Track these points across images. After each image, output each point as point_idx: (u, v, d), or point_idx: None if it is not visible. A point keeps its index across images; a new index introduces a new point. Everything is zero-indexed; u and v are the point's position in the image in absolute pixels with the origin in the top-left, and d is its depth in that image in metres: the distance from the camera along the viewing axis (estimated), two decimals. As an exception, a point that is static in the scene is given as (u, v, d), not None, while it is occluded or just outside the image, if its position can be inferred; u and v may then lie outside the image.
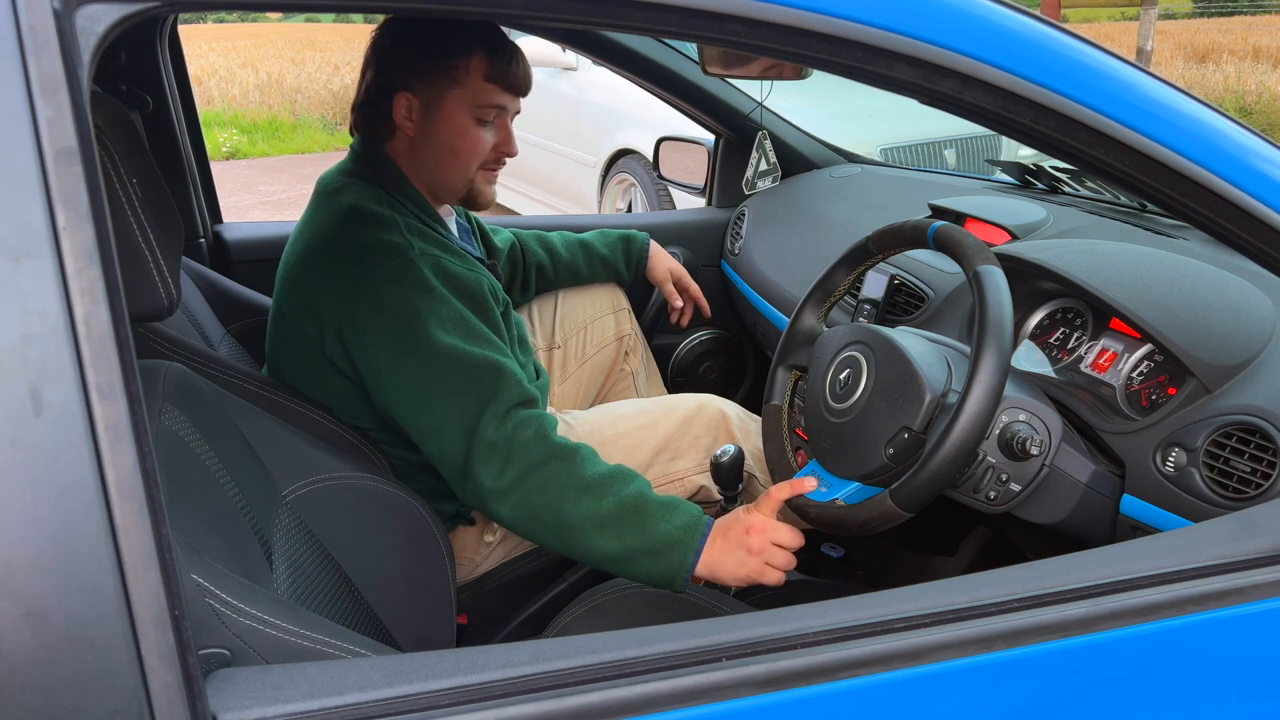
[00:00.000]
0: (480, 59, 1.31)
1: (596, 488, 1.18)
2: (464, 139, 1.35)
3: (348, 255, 1.28)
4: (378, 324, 1.24)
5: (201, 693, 0.57)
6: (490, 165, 1.40)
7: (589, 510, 1.17)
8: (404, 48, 1.34)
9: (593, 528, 1.16)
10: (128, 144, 0.85)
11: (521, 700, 0.61)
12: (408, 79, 1.33)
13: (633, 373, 1.94)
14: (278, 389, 1.29)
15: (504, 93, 1.35)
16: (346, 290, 1.26)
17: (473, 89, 1.32)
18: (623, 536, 1.16)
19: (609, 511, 1.16)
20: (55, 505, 0.52)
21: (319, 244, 1.31)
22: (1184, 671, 0.77)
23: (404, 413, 1.26)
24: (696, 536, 1.16)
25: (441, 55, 1.32)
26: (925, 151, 3.92)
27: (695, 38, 0.69)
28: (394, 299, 1.24)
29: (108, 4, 0.53)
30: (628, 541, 1.15)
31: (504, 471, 1.19)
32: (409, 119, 1.34)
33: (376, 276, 1.25)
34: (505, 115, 1.38)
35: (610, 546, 1.16)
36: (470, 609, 1.50)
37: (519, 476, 1.18)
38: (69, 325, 0.51)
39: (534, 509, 1.18)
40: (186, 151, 1.86)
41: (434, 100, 1.33)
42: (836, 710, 0.68)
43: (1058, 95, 0.75)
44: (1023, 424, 1.08)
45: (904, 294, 1.58)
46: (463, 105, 1.33)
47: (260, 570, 0.91)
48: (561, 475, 1.18)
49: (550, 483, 1.18)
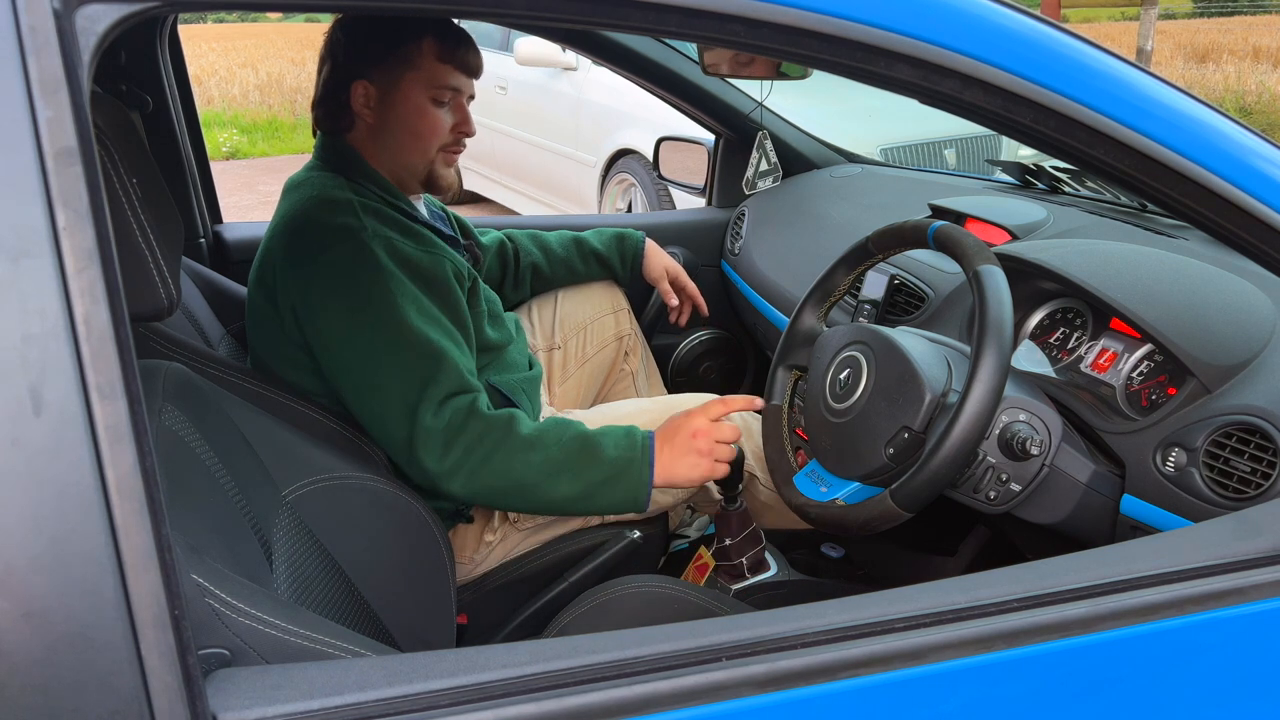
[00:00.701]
0: (431, 42, 1.34)
1: (538, 442, 1.23)
2: (423, 119, 1.37)
3: (305, 239, 1.29)
4: (327, 304, 1.26)
5: (201, 693, 0.57)
6: (450, 147, 1.41)
7: (539, 462, 1.22)
8: (357, 38, 1.36)
9: (548, 477, 1.22)
10: (128, 144, 0.85)
11: (521, 700, 0.61)
12: (363, 68, 1.35)
13: (633, 373, 1.94)
14: (277, 388, 1.29)
15: (457, 73, 1.37)
16: (301, 271, 1.28)
17: (427, 71, 1.34)
18: (579, 474, 1.22)
19: (557, 457, 1.22)
20: (55, 505, 0.52)
21: (281, 234, 1.33)
22: (1184, 671, 0.77)
23: (351, 393, 1.28)
24: (645, 451, 1.24)
25: (394, 41, 1.34)
26: (925, 151, 3.92)
27: (695, 38, 0.69)
28: (345, 279, 1.26)
29: (108, 4, 0.53)
30: (585, 477, 1.22)
31: (446, 455, 1.23)
32: (367, 106, 1.36)
33: (329, 257, 1.27)
34: (460, 97, 1.40)
35: (570, 489, 1.22)
36: (470, 609, 1.50)
37: (461, 456, 1.23)
38: (69, 325, 0.51)
39: (484, 480, 1.23)
40: (186, 151, 1.86)
41: (390, 85, 1.35)
42: (836, 710, 0.68)
43: (1058, 95, 0.75)
44: (1023, 424, 1.08)
45: (904, 294, 1.58)
46: (418, 87, 1.35)
47: (260, 570, 0.91)
48: (502, 442, 1.23)
49: (494, 453, 1.23)
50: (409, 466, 1.26)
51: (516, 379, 1.49)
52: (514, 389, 1.46)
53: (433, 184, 1.43)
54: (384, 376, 1.25)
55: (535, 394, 1.55)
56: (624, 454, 1.23)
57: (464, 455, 1.22)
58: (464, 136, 1.42)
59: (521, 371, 1.53)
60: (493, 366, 1.47)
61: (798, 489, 1.24)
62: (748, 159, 2.14)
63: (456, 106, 1.40)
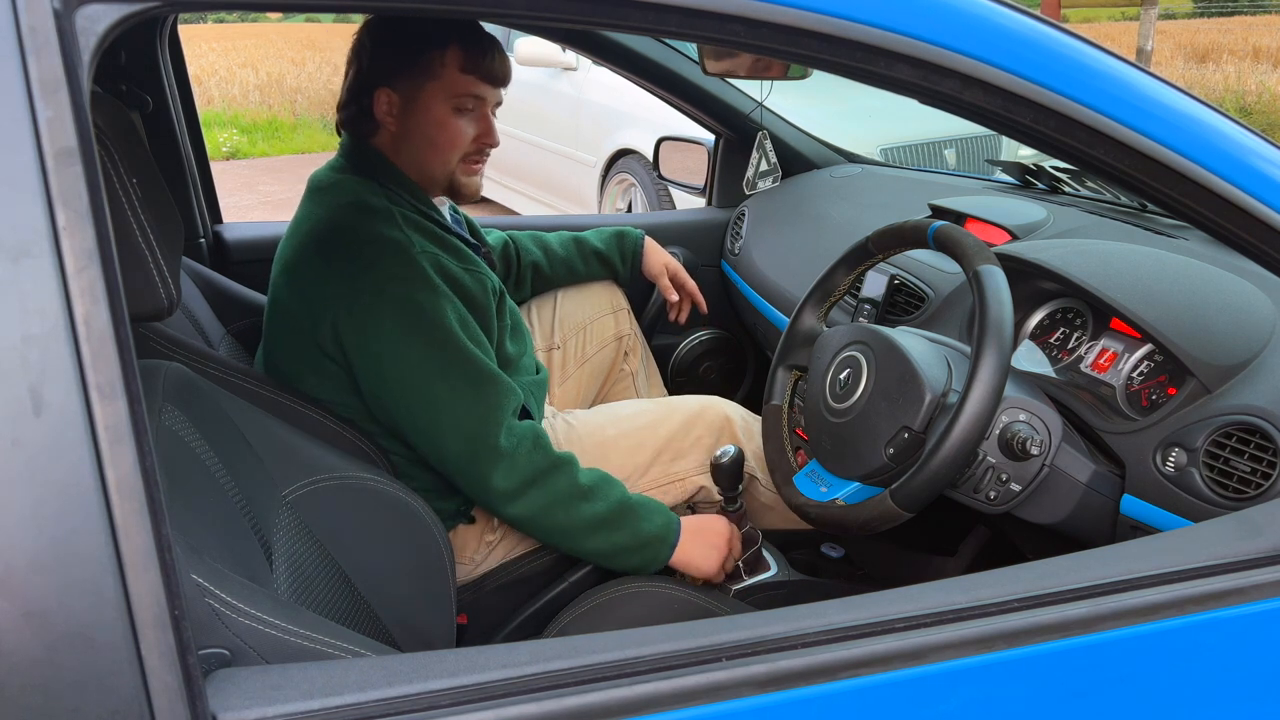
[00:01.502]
0: (455, 51, 1.33)
1: (590, 494, 1.31)
2: (442, 130, 1.37)
3: (347, 248, 1.30)
4: (378, 316, 1.26)
5: (201, 693, 0.57)
6: (472, 157, 1.41)
7: (586, 514, 1.31)
8: (382, 45, 1.36)
9: (587, 530, 1.31)
10: (128, 144, 0.85)
11: (522, 700, 0.61)
12: (387, 75, 1.35)
13: (632, 373, 1.94)
14: (278, 389, 1.29)
15: (480, 83, 1.36)
16: (346, 282, 1.28)
17: (449, 81, 1.34)
18: (611, 536, 1.31)
19: (601, 514, 1.31)
20: (55, 505, 0.52)
21: (317, 238, 1.33)
22: (1185, 672, 0.77)
23: (400, 407, 1.29)
24: (672, 534, 1.34)
25: (418, 50, 1.34)
26: (925, 151, 3.92)
27: (695, 38, 0.69)
28: (396, 292, 1.27)
29: (108, 4, 0.53)
30: (615, 540, 1.31)
31: (511, 477, 1.29)
32: (390, 114, 1.37)
33: (378, 271, 1.27)
34: (484, 106, 1.39)
35: (600, 545, 1.32)
36: (470, 609, 1.50)
37: (526, 483, 1.29)
38: (69, 325, 0.51)
39: (537, 512, 1.31)
40: (186, 151, 1.86)
41: (412, 94, 1.35)
42: (836, 710, 0.68)
43: (1058, 95, 0.75)
44: (1023, 424, 1.08)
45: (904, 294, 1.58)
46: (440, 97, 1.35)
47: (260, 570, 0.91)
48: (562, 484, 1.31)
49: (552, 489, 1.30)
50: (470, 483, 1.31)
51: (524, 382, 1.49)
52: (524, 394, 1.46)
53: (455, 192, 1.44)
54: (442, 393, 1.27)
55: (542, 398, 1.56)
56: (658, 532, 1.33)
57: (527, 483, 1.29)
58: (486, 146, 1.42)
59: (529, 375, 1.54)
60: (506, 370, 1.47)
61: (798, 489, 1.24)
62: (748, 159, 2.14)
63: (480, 116, 1.40)
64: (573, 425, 1.58)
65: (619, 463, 1.53)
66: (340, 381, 1.34)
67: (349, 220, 1.31)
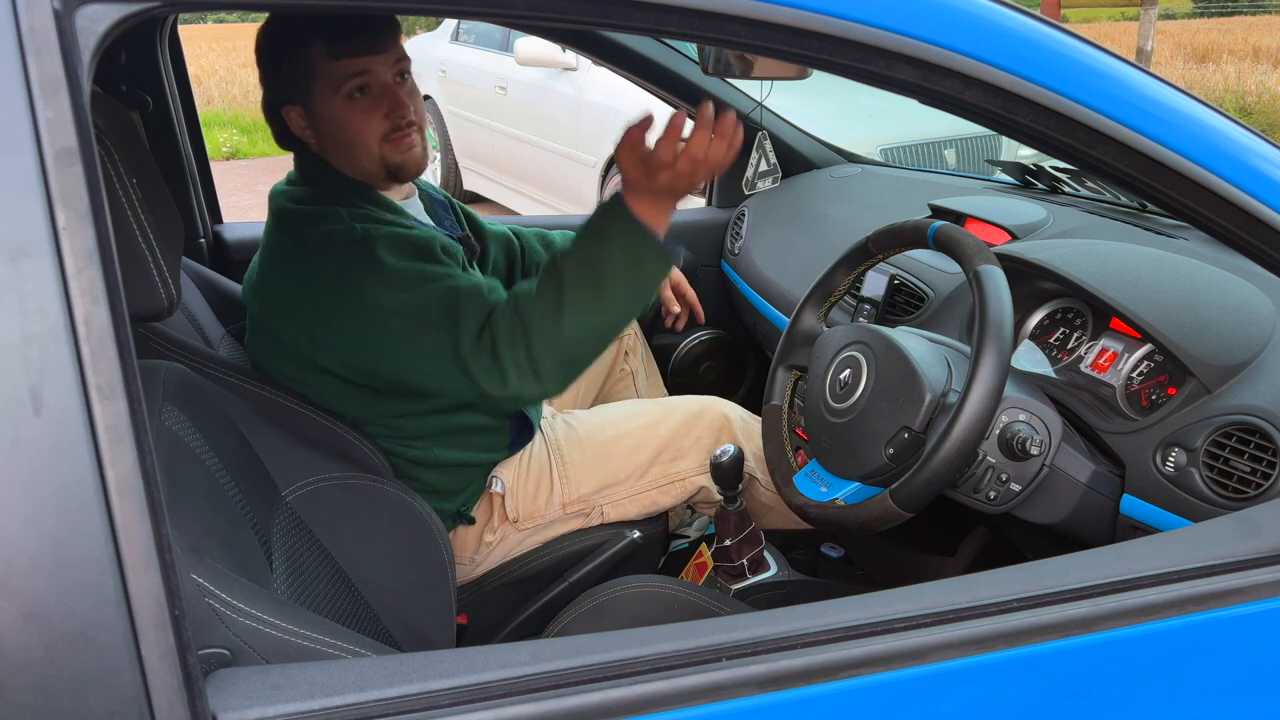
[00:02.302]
0: (319, 43, 1.28)
1: (549, 296, 1.19)
2: (348, 124, 1.31)
3: (299, 256, 1.28)
4: (341, 310, 1.25)
5: (201, 693, 0.57)
6: (390, 135, 1.34)
7: (563, 304, 1.18)
8: (267, 66, 1.34)
9: (585, 312, 1.18)
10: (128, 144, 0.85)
11: (521, 700, 0.61)
12: (283, 93, 1.33)
13: (632, 372, 1.94)
14: (277, 389, 1.29)
15: (357, 60, 1.29)
16: (306, 289, 1.27)
17: (327, 73, 1.29)
18: (601, 291, 1.18)
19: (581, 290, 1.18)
20: (55, 505, 0.52)
21: (274, 255, 1.32)
22: (1184, 671, 0.77)
23: (396, 374, 1.27)
24: (629, 219, 1.17)
25: (290, 58, 1.30)
26: (925, 151, 3.92)
27: (695, 38, 0.69)
28: (348, 283, 1.24)
29: (108, 4, 0.53)
30: (609, 289, 1.18)
31: (504, 369, 1.20)
32: (304, 128, 1.34)
33: (329, 269, 1.25)
34: (378, 78, 1.32)
35: (609, 303, 1.19)
36: (470, 609, 1.50)
37: (512, 362, 1.20)
38: (69, 325, 0.51)
39: (547, 359, 1.20)
40: (186, 151, 1.86)
41: (311, 101, 1.32)
42: (836, 710, 0.68)
43: (1058, 95, 0.75)
44: (1023, 424, 1.08)
45: (904, 294, 1.58)
46: (331, 94, 1.30)
47: (260, 570, 0.91)
48: (536, 321, 1.19)
49: (532, 336, 1.19)
50: (485, 396, 1.24)
51: None
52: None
53: (395, 175, 1.38)
54: (419, 340, 1.23)
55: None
56: (617, 239, 1.19)
57: (512, 359, 1.19)
58: (400, 120, 1.34)
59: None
60: None
61: (798, 489, 1.24)
62: (747, 159, 2.14)
63: (381, 92, 1.32)
64: (573, 425, 1.58)
65: (619, 463, 1.53)
66: (336, 387, 1.32)
67: (298, 232, 1.30)
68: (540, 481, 1.51)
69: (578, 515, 1.52)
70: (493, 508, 1.50)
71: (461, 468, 1.44)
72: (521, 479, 1.50)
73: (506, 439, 1.48)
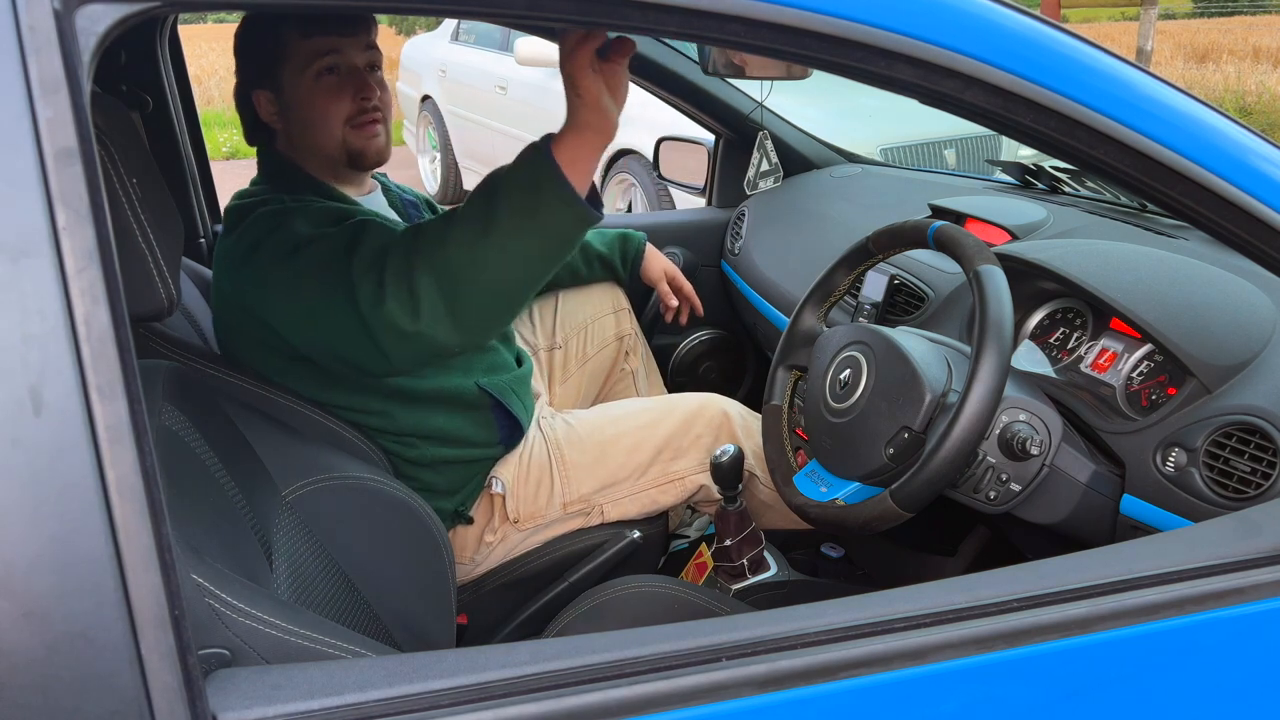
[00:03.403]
0: (290, 25, 1.29)
1: (440, 224, 1.11)
2: (313, 103, 1.32)
3: (243, 244, 1.27)
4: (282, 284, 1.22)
5: (201, 693, 0.57)
6: (357, 120, 1.34)
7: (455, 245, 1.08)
8: (241, 51, 1.35)
9: (469, 245, 1.08)
10: (128, 144, 0.85)
11: (521, 700, 0.61)
12: (254, 77, 1.34)
13: (633, 372, 1.94)
14: (277, 389, 1.29)
15: (329, 39, 1.30)
16: (254, 272, 1.25)
17: (297, 53, 1.30)
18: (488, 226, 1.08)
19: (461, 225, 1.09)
20: (55, 505, 0.52)
21: (226, 249, 1.31)
22: (1184, 671, 0.77)
23: (321, 338, 1.21)
24: (541, 156, 1.10)
25: (261, 41, 1.32)
26: (925, 151, 3.91)
27: (695, 38, 0.69)
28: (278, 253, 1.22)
29: (108, 4, 0.53)
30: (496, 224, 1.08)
31: (384, 294, 1.10)
32: (272, 113, 1.35)
33: (267, 246, 1.24)
34: (348, 61, 1.32)
35: (494, 240, 1.08)
36: (470, 609, 1.50)
37: (399, 286, 1.10)
38: (69, 325, 0.51)
39: (426, 289, 1.09)
40: (186, 151, 1.86)
41: (280, 84, 1.33)
42: (836, 710, 0.68)
43: (1058, 95, 0.75)
44: (1023, 424, 1.08)
45: (904, 294, 1.58)
46: (299, 73, 1.31)
47: (260, 570, 0.91)
48: (424, 246, 1.10)
49: (421, 262, 1.09)
50: (400, 346, 1.14)
51: (505, 379, 1.47)
52: (502, 390, 1.45)
53: (355, 162, 1.37)
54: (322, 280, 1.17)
55: (525, 391, 1.53)
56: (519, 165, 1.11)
57: (394, 284, 1.09)
58: (366, 105, 1.34)
59: (510, 371, 1.52)
60: (479, 367, 1.46)
61: (798, 489, 1.24)
62: (748, 159, 2.14)
63: (349, 74, 1.32)
64: (572, 425, 1.58)
65: (619, 462, 1.53)
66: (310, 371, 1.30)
67: (243, 223, 1.29)
68: (540, 481, 1.51)
69: (578, 515, 1.52)
70: (493, 508, 1.50)
71: (453, 464, 1.43)
72: (522, 479, 1.50)
73: (496, 436, 1.47)
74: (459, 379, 1.41)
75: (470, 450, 1.45)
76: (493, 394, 1.44)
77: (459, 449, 1.43)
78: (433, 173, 6.38)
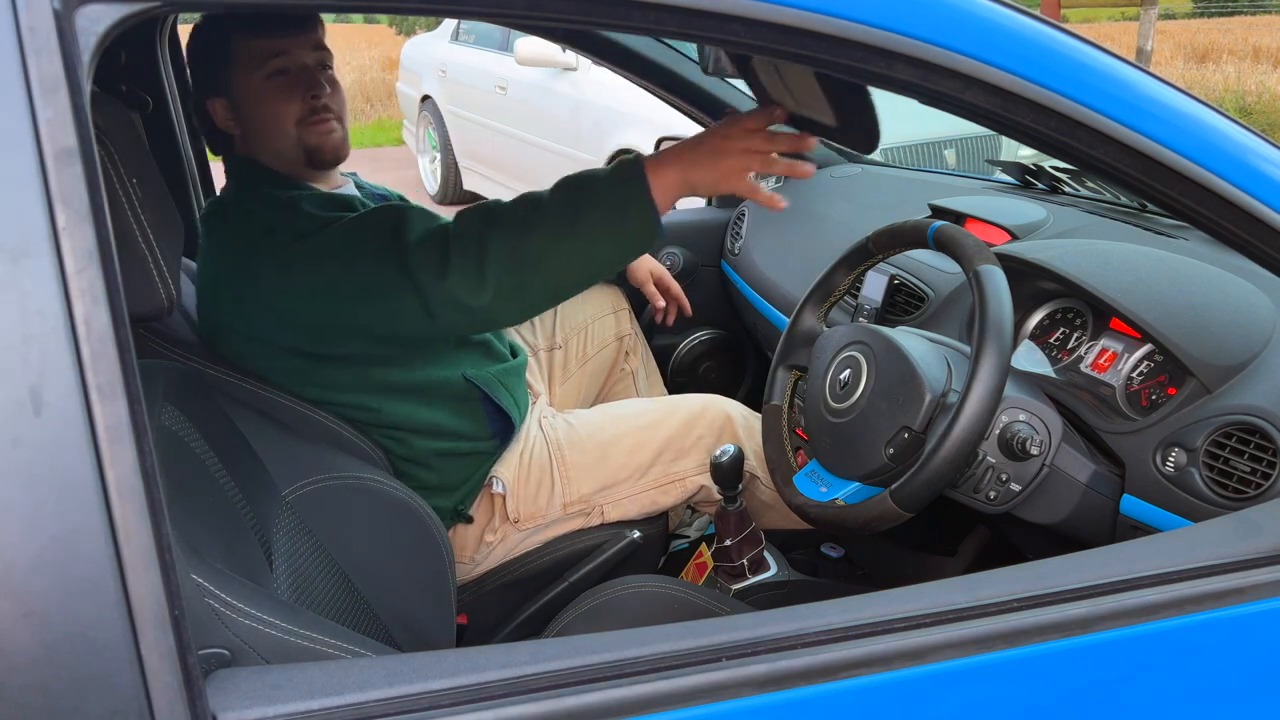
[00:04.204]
0: (237, 30, 1.29)
1: (522, 209, 1.15)
2: (265, 106, 1.32)
3: (232, 242, 1.27)
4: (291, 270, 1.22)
5: (201, 693, 0.57)
6: (309, 119, 1.33)
7: (538, 230, 1.12)
8: (193, 60, 1.36)
9: (551, 233, 1.12)
10: (128, 144, 0.85)
11: (521, 700, 0.61)
12: (208, 86, 1.34)
13: (633, 372, 1.94)
14: (276, 389, 1.29)
15: (274, 40, 1.30)
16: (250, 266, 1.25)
17: (245, 56, 1.30)
18: (577, 221, 1.12)
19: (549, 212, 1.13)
20: (55, 505, 0.52)
21: (210, 252, 1.31)
22: (1184, 671, 0.77)
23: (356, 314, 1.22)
24: (637, 170, 1.12)
25: (210, 48, 1.32)
26: (925, 151, 3.91)
27: (695, 38, 0.69)
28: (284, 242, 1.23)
29: (108, 4, 0.53)
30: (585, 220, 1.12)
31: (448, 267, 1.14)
32: (227, 120, 1.35)
33: (265, 239, 1.23)
34: (296, 60, 1.32)
35: (578, 235, 1.12)
36: (470, 609, 1.50)
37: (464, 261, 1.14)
38: (69, 325, 0.51)
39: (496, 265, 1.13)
40: (186, 151, 1.86)
41: (232, 89, 1.33)
42: (836, 710, 0.68)
43: (1058, 95, 0.75)
44: (1023, 424, 1.08)
45: (904, 294, 1.58)
46: (247, 76, 1.31)
47: (260, 570, 0.91)
48: (501, 227, 1.14)
49: (495, 240, 1.13)
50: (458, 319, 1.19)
51: (494, 371, 1.46)
52: (489, 382, 1.44)
53: (316, 159, 1.37)
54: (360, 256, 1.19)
55: (517, 383, 1.52)
56: (617, 175, 1.13)
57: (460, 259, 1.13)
58: (316, 102, 1.33)
59: (503, 361, 1.50)
60: (470, 358, 1.45)
61: (798, 489, 1.24)
62: (748, 159, 2.13)
63: (298, 73, 1.32)
64: (573, 425, 1.58)
65: (620, 462, 1.53)
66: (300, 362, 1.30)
67: (227, 224, 1.29)
68: (541, 481, 1.50)
69: (578, 515, 1.52)
70: (493, 508, 1.50)
71: (446, 458, 1.43)
72: (522, 479, 1.50)
73: (487, 429, 1.46)
74: (445, 370, 1.40)
75: (460, 443, 1.44)
76: (479, 385, 1.43)
77: (449, 441, 1.42)
78: (432, 173, 6.38)
